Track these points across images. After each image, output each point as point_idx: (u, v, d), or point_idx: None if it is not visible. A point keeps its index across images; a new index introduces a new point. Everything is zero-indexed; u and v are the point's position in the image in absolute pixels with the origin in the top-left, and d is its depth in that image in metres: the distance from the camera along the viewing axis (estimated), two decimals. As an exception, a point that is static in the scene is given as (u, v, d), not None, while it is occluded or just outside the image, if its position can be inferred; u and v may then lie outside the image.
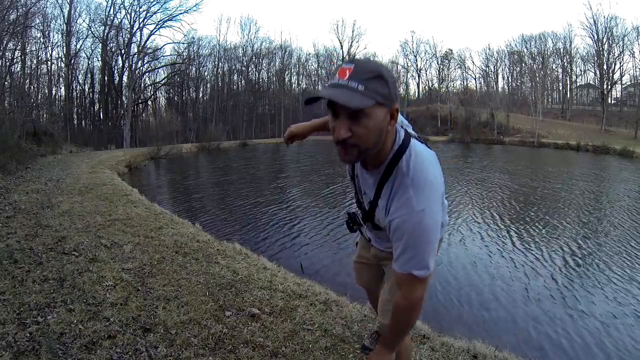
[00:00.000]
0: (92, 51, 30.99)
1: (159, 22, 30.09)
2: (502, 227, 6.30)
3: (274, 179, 10.89)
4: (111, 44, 30.23)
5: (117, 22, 29.14)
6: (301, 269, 2.85)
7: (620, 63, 36.72)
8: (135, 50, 29.61)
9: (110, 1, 28.59)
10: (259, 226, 6.10)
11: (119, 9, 28.84)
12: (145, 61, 31.73)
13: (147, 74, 33.47)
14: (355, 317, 2.29)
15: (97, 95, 32.82)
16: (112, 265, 2.79)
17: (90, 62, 31.70)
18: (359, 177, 1.08)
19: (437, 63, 46.87)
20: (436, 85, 46.89)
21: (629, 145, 24.18)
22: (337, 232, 5.64)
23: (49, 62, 27.39)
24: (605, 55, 36.44)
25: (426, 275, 0.95)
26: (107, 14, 28.75)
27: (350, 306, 2.48)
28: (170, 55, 34.81)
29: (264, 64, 45.16)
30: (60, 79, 28.87)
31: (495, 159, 18.61)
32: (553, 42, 42.37)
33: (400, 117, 1.01)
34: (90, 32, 29.32)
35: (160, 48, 33.08)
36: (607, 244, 5.55)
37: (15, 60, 21.38)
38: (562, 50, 41.89)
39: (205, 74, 41.14)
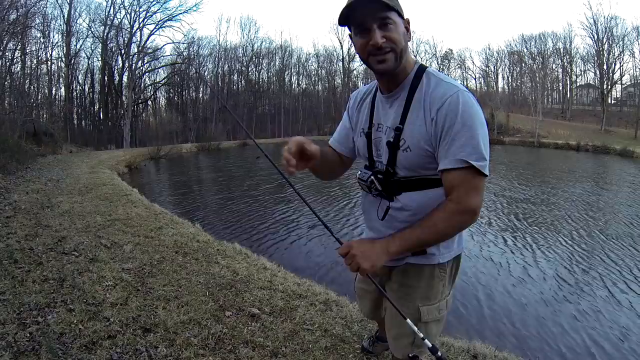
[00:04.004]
0: (92, 51, 31.06)
1: (158, 22, 30.13)
2: (502, 227, 6.30)
3: (274, 178, 10.88)
4: (111, 44, 30.26)
5: (117, 22, 29.18)
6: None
7: (620, 63, 36.81)
8: (135, 50, 29.64)
9: (110, 1, 28.63)
10: (259, 226, 6.10)
11: (119, 9, 28.87)
12: (145, 61, 31.75)
13: (147, 74, 33.50)
14: (355, 317, 2.29)
15: (97, 95, 32.83)
16: (112, 265, 2.79)
17: (90, 62, 31.77)
18: (378, 111, 1.05)
19: (437, 63, 46.92)
20: (436, 85, 46.98)
21: (629, 145, 24.20)
22: (339, 232, 5.63)
23: (49, 62, 27.42)
24: (605, 55, 36.47)
25: (484, 170, 0.87)
26: (107, 14, 28.79)
27: (350, 306, 2.48)
28: (170, 55, 34.87)
29: (264, 64, 45.24)
30: (60, 79, 28.91)
31: (496, 159, 18.61)
32: (553, 42, 42.48)
33: None
34: (90, 32, 29.38)
35: (160, 48, 33.14)
36: (608, 243, 5.54)
37: (15, 60, 21.41)
38: (562, 50, 41.98)
39: (205, 73, 41.17)
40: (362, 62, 1.00)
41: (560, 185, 10.76)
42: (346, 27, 0.96)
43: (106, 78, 31.16)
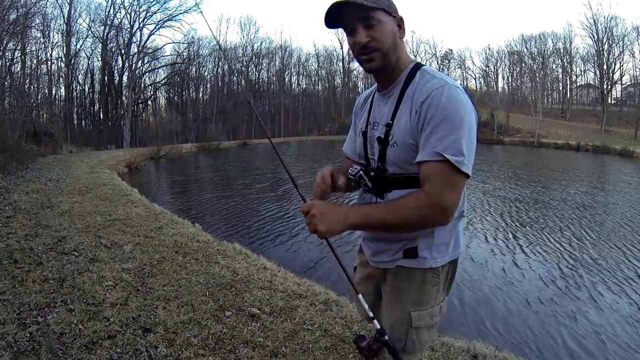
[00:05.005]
0: (92, 51, 31.08)
1: (158, 22, 30.13)
2: (502, 227, 6.29)
3: (274, 178, 10.89)
4: (111, 44, 30.27)
5: (117, 22, 29.19)
6: None
7: (620, 63, 36.84)
8: (135, 50, 29.64)
9: (110, 1, 28.63)
10: (259, 226, 6.10)
11: (119, 9, 28.89)
12: (145, 61, 31.76)
13: (147, 74, 33.51)
14: (355, 317, 2.29)
15: (97, 95, 32.85)
16: (112, 265, 2.79)
17: (90, 62, 31.79)
18: (375, 110, 1.06)
19: (437, 63, 46.96)
20: (436, 85, 47.15)
21: (629, 145, 24.21)
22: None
23: (49, 62, 27.45)
24: (605, 55, 36.48)
25: (461, 166, 0.83)
26: (107, 14, 28.81)
27: (350, 306, 2.48)
28: (171, 55, 34.88)
29: (264, 64, 45.28)
30: (60, 79, 28.94)
31: (494, 159, 18.61)
32: (553, 42, 42.53)
33: None
34: (90, 32, 29.41)
35: (160, 48, 33.16)
36: (609, 243, 5.54)
37: (15, 60, 21.43)
38: (562, 50, 42.02)
39: (205, 74, 41.21)
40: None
41: (553, 186, 10.75)
42: (340, 29, 0.98)
43: (106, 78, 31.16)
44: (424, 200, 0.86)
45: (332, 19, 0.94)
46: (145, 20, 29.36)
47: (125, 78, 30.55)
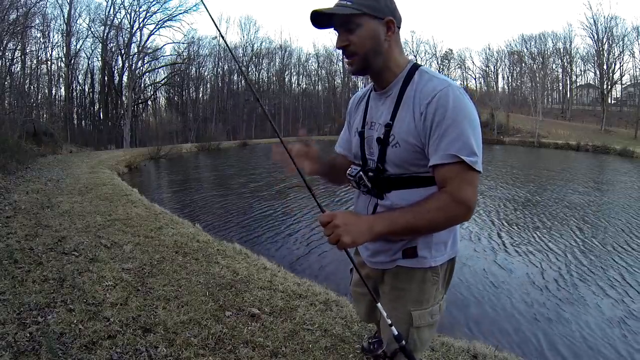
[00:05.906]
0: (92, 51, 31.08)
1: (158, 22, 30.15)
2: (502, 226, 6.30)
3: (274, 178, 10.89)
4: (111, 44, 30.28)
5: (117, 22, 29.20)
6: None
7: (620, 63, 36.87)
8: (135, 50, 29.65)
9: (110, 1, 28.65)
10: (259, 226, 6.10)
11: (119, 9, 28.92)
12: (145, 61, 31.76)
13: (147, 74, 33.50)
14: (355, 317, 2.29)
15: (97, 95, 32.84)
16: (112, 265, 2.79)
17: (90, 62, 31.79)
18: (371, 109, 1.06)
19: (437, 63, 46.97)
20: (436, 85, 47.27)
21: (629, 145, 24.23)
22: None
23: (49, 62, 27.46)
24: (605, 55, 36.50)
25: (476, 165, 0.86)
26: (107, 14, 28.83)
27: (350, 306, 2.47)
28: (171, 55, 34.88)
29: (264, 64, 45.29)
30: (60, 79, 28.93)
31: (492, 159, 18.60)
32: (553, 42, 42.56)
33: None
34: (90, 32, 29.42)
35: (160, 48, 33.16)
36: (610, 242, 5.54)
37: (15, 60, 21.43)
38: (562, 50, 42.04)
39: (205, 73, 41.20)
40: None
41: (548, 186, 10.75)
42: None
43: (106, 78, 31.16)
44: (447, 201, 0.88)
45: (321, 22, 0.97)
46: (145, 20, 29.42)
47: (125, 78, 30.59)
